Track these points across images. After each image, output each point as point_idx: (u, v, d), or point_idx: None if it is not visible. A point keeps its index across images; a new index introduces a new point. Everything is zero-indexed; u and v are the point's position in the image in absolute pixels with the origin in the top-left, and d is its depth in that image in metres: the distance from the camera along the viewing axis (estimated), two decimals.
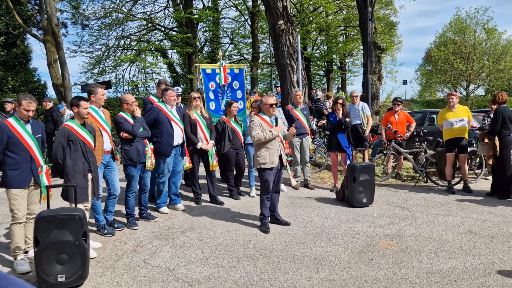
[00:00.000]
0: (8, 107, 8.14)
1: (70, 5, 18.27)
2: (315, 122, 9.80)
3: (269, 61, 20.84)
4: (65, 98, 13.39)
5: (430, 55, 28.55)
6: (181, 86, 19.38)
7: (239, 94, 7.57)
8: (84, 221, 3.28)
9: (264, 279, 3.38)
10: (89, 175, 3.93)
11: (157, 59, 19.47)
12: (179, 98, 5.82)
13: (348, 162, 6.33)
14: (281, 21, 8.76)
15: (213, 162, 5.76)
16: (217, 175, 6.40)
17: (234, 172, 6.25)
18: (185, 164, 5.61)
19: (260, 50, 21.78)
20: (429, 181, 7.23)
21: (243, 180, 6.59)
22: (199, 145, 5.61)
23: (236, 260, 3.77)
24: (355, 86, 29.97)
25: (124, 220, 4.90)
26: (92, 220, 4.55)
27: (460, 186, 6.63)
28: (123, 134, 4.64)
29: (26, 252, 3.76)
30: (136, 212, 5.01)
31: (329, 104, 10.56)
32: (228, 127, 5.97)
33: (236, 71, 7.58)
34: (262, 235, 4.49)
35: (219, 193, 6.21)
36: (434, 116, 9.66)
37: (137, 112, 4.81)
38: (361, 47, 15.89)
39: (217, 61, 8.60)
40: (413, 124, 7.83)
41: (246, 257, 3.84)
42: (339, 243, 4.18)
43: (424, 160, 7.19)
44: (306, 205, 5.71)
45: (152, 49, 19.53)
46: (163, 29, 19.48)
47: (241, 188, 6.48)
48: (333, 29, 21.98)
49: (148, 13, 19.17)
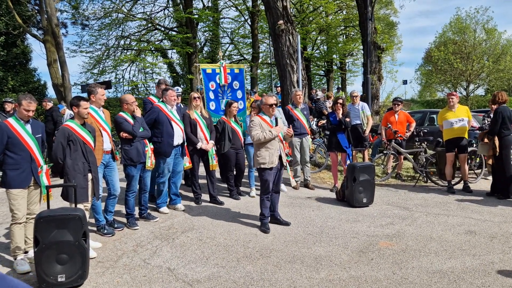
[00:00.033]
0: (8, 107, 8.14)
1: (70, 5, 18.30)
2: (315, 122, 9.80)
3: (269, 61, 20.85)
4: (65, 98, 13.39)
5: (430, 55, 28.56)
6: (181, 86, 19.39)
7: (239, 94, 7.57)
8: (84, 221, 3.28)
9: (264, 279, 3.38)
10: (89, 175, 3.93)
11: (157, 59, 19.48)
12: (179, 98, 5.82)
13: (348, 162, 6.33)
14: (281, 21, 8.76)
15: (213, 162, 5.77)
16: (217, 175, 6.41)
17: (234, 172, 6.25)
18: (185, 164, 5.62)
19: (260, 50, 21.80)
20: (429, 181, 7.23)
21: (243, 180, 6.59)
22: (199, 145, 5.61)
23: (236, 260, 3.77)
24: (355, 86, 30.03)
25: (124, 220, 4.90)
26: (92, 220, 4.55)
27: (460, 186, 6.63)
28: (123, 134, 4.64)
29: (26, 252, 3.76)
30: (136, 212, 5.01)
31: (329, 104, 10.57)
32: (228, 127, 5.97)
33: (236, 71, 7.59)
34: (262, 235, 4.49)
35: (219, 193, 6.21)
36: (434, 116, 9.65)
37: (137, 112, 4.81)
38: (361, 47, 15.90)
39: (217, 61, 8.61)
40: (413, 124, 7.83)
41: (246, 257, 3.84)
42: (339, 243, 4.18)
43: (424, 160, 7.19)
44: (306, 205, 5.71)
45: (152, 49, 19.54)
46: (163, 29, 19.48)
47: (241, 188, 6.48)
48: (333, 29, 21.99)
49: (148, 13, 19.22)
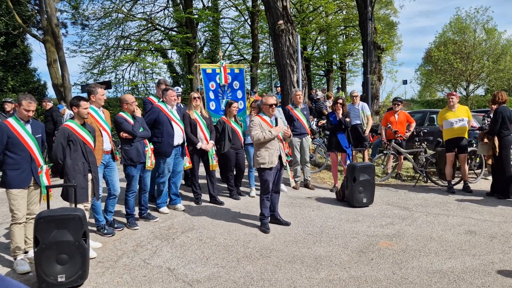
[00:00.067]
0: (8, 107, 8.13)
1: (70, 5, 18.30)
2: (315, 122, 9.80)
3: (269, 61, 20.86)
4: (65, 98, 13.39)
5: (430, 55, 28.56)
6: (181, 86, 19.39)
7: (239, 94, 7.57)
8: (84, 221, 3.28)
9: (264, 279, 3.38)
10: (89, 175, 3.93)
11: (157, 59, 19.48)
12: (179, 98, 5.82)
13: (348, 162, 6.33)
14: (281, 21, 8.76)
15: (213, 162, 5.76)
16: (217, 175, 6.41)
17: (234, 172, 6.25)
18: (185, 164, 5.62)
19: (260, 50, 21.80)
20: (429, 181, 7.23)
21: (243, 180, 6.59)
22: (199, 145, 5.61)
23: (236, 260, 3.77)
24: (355, 86, 30.05)
25: (124, 220, 4.90)
26: (92, 220, 4.55)
27: (460, 186, 6.63)
28: (123, 134, 4.64)
29: (26, 252, 3.76)
30: (136, 212, 5.01)
31: (329, 104, 10.57)
32: (228, 127, 5.97)
33: (236, 71, 7.59)
34: (262, 235, 4.49)
35: (219, 193, 6.21)
36: (434, 116, 9.65)
37: (137, 112, 4.81)
38: (361, 47, 15.90)
39: (217, 61, 8.61)
40: (413, 124, 7.83)
41: (246, 257, 3.84)
42: (339, 243, 4.18)
43: (424, 160, 7.19)
44: (306, 205, 5.71)
45: (152, 49, 19.54)
46: (163, 29, 19.48)
47: (241, 188, 6.48)
48: (333, 29, 22.00)
49: (148, 13, 19.22)
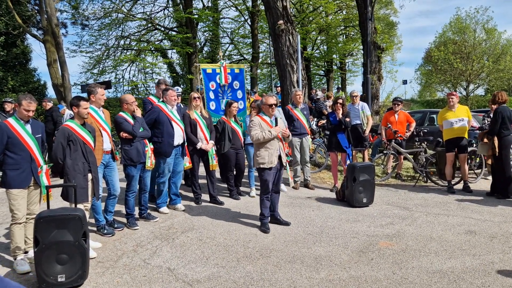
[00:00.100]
0: (8, 107, 8.13)
1: (70, 5, 18.29)
2: (315, 122, 9.80)
3: (269, 61, 20.85)
4: (65, 98, 13.38)
5: (430, 55, 28.56)
6: (181, 86, 19.40)
7: (239, 94, 7.57)
8: (84, 221, 3.28)
9: (264, 279, 3.38)
10: (89, 175, 3.93)
11: (157, 59, 19.48)
12: (179, 98, 5.82)
13: (348, 162, 6.33)
14: (281, 21, 8.76)
15: (213, 162, 5.76)
16: (217, 175, 6.41)
17: (234, 172, 6.25)
18: (185, 164, 5.62)
19: (260, 50, 21.80)
20: (429, 181, 7.23)
21: (243, 180, 6.59)
22: (199, 145, 5.61)
23: (236, 260, 3.77)
24: (355, 86, 30.05)
25: (124, 220, 4.90)
26: (92, 220, 4.55)
27: (460, 186, 6.63)
28: (123, 134, 4.64)
29: (26, 252, 3.76)
30: (136, 212, 5.01)
31: (329, 104, 10.56)
32: (228, 127, 5.97)
33: (236, 71, 7.59)
34: (262, 235, 4.49)
35: (219, 193, 6.21)
36: (434, 116, 9.65)
37: (138, 112, 4.81)
38: (361, 47, 15.90)
39: (217, 61, 8.61)
40: (413, 124, 7.83)
41: (246, 257, 3.84)
42: (339, 243, 4.18)
43: (424, 160, 7.19)
44: (306, 205, 5.71)
45: (152, 49, 19.54)
46: (163, 29, 19.48)
47: (241, 188, 6.48)
48: (333, 29, 22.00)
49: (148, 13, 19.22)
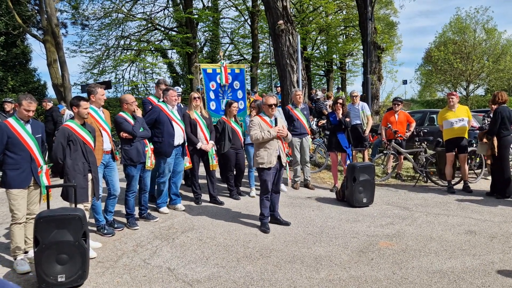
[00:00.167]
0: (8, 107, 8.13)
1: (70, 5, 18.30)
2: (315, 122, 9.80)
3: (269, 61, 20.85)
4: (65, 98, 13.38)
5: (430, 55, 28.56)
6: (181, 86, 19.40)
7: (239, 94, 7.57)
8: (84, 221, 3.28)
9: (264, 279, 3.38)
10: (89, 175, 3.93)
11: (157, 59, 19.48)
12: (179, 98, 5.82)
13: (348, 162, 6.33)
14: (281, 21, 8.76)
15: (213, 162, 5.76)
16: (217, 175, 6.41)
17: (234, 172, 6.25)
18: (185, 164, 5.62)
19: (260, 50, 21.80)
20: (429, 181, 7.23)
21: (243, 180, 6.59)
22: (199, 145, 5.61)
23: (236, 260, 3.77)
24: (355, 86, 30.05)
25: (124, 220, 4.90)
26: (92, 220, 4.55)
27: (460, 186, 6.63)
28: (123, 134, 4.64)
29: (26, 252, 3.76)
30: (136, 212, 5.01)
31: (329, 103, 10.56)
32: (228, 127, 5.97)
33: (237, 71, 7.59)
34: (262, 235, 4.49)
35: (219, 193, 6.21)
36: (434, 116, 9.65)
37: (138, 112, 4.81)
38: (361, 47, 15.90)
39: (217, 61, 8.61)
40: (413, 124, 7.83)
41: (246, 257, 3.84)
42: (339, 243, 4.18)
43: (424, 160, 7.19)
44: (306, 205, 5.71)
45: (152, 49, 19.54)
46: (163, 29, 19.48)
47: (241, 188, 6.48)
48: (333, 29, 22.01)
49: (148, 13, 19.22)
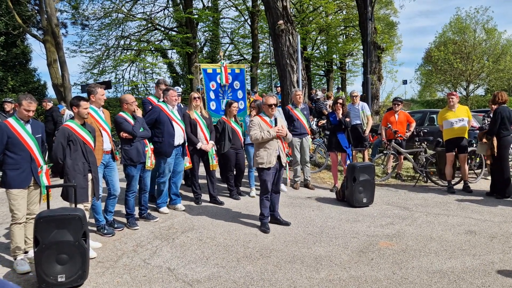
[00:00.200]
0: (8, 107, 8.13)
1: (70, 5, 18.30)
2: (315, 122, 9.79)
3: (269, 61, 20.86)
4: (65, 98, 13.38)
5: (430, 55, 28.56)
6: (181, 86, 19.40)
7: (240, 94, 7.57)
8: (84, 221, 3.28)
9: (264, 279, 3.38)
10: (89, 175, 3.93)
11: (157, 59, 19.48)
12: (179, 98, 5.82)
13: (348, 162, 6.33)
14: (281, 21, 8.76)
15: (213, 162, 5.76)
16: (217, 175, 6.40)
17: (234, 172, 6.25)
18: (185, 164, 5.62)
19: (260, 50, 21.80)
20: (429, 181, 7.23)
21: (243, 180, 6.59)
22: (199, 145, 5.61)
23: (236, 260, 3.77)
24: (355, 86, 30.06)
25: (124, 220, 4.90)
26: (92, 220, 4.55)
27: (460, 186, 6.63)
28: (123, 134, 4.64)
29: (26, 252, 3.76)
30: (136, 212, 5.01)
31: (329, 103, 10.56)
32: (228, 127, 5.97)
33: (237, 71, 7.59)
34: (262, 235, 4.49)
35: (219, 193, 6.21)
36: (434, 116, 9.65)
37: (138, 112, 4.81)
38: (361, 47, 15.90)
39: (217, 61, 8.61)
40: (413, 124, 7.83)
41: (246, 257, 3.84)
42: (339, 243, 4.18)
43: (424, 160, 7.19)
44: (306, 205, 5.71)
45: (152, 49, 19.54)
46: (163, 29, 19.48)
47: (241, 188, 6.48)
48: (333, 29, 22.01)
49: (148, 13, 19.22)
